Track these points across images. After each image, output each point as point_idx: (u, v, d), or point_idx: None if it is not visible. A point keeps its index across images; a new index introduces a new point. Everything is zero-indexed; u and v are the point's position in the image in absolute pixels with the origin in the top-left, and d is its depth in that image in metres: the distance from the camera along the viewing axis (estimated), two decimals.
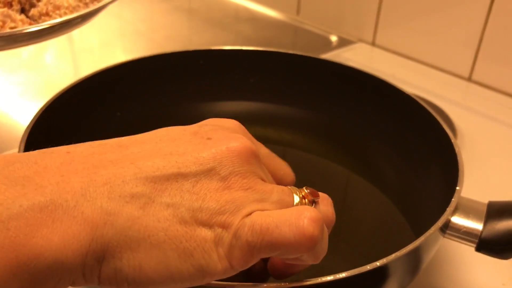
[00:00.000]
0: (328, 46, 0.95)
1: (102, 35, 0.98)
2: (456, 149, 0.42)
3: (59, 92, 0.49)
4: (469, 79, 0.84)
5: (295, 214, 0.26)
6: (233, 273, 0.26)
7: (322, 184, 0.50)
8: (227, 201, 0.26)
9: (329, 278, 0.29)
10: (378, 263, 0.30)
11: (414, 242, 0.32)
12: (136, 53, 0.57)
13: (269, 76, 0.60)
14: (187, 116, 0.60)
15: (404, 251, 0.32)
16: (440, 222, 0.35)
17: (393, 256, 0.31)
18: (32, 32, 0.47)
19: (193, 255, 0.25)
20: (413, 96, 0.51)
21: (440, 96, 0.78)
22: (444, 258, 0.49)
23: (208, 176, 0.26)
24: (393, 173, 0.52)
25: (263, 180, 0.28)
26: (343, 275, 0.29)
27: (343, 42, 0.96)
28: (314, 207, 0.29)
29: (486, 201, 0.39)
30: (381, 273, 0.32)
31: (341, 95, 0.58)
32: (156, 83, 0.59)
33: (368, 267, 0.30)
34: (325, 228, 0.28)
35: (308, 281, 0.29)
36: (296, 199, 0.29)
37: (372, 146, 0.55)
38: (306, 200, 0.29)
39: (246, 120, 0.62)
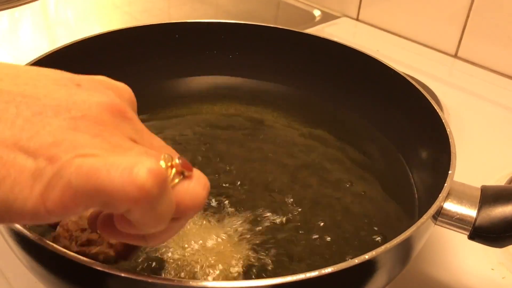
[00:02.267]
0: (311, 20, 0.92)
1: (77, 8, 0.94)
2: (448, 130, 0.40)
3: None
4: (455, 55, 0.82)
5: (132, 161, 0.23)
6: (47, 219, 0.23)
7: (306, 167, 0.48)
8: (65, 139, 0.23)
9: (314, 274, 0.27)
10: (366, 256, 0.28)
11: (405, 232, 0.30)
12: (111, 27, 0.54)
13: (250, 51, 0.57)
14: (162, 93, 0.57)
15: (395, 242, 0.29)
16: (432, 210, 0.32)
17: (382, 248, 0.29)
18: None
19: (1, 184, 0.22)
20: (403, 74, 0.48)
21: (425, 73, 0.76)
22: (432, 244, 0.47)
23: (56, 112, 0.23)
24: (380, 154, 0.49)
25: (130, 138, 0.25)
26: (328, 270, 0.27)
27: (327, 17, 0.93)
28: (182, 181, 0.25)
29: (473, 181, 0.37)
30: (370, 266, 0.29)
31: (326, 71, 0.55)
32: (130, 58, 0.55)
33: (356, 260, 0.28)
34: (171, 198, 0.24)
35: (291, 277, 0.26)
36: (162, 164, 0.24)
37: (357, 125, 0.53)
38: (174, 170, 0.25)
39: (226, 97, 0.59)
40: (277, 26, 0.56)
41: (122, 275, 0.27)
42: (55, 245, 0.27)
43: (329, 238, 0.39)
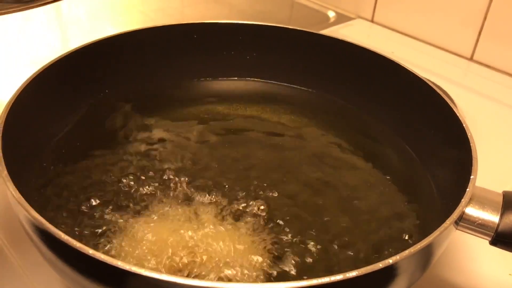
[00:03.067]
0: (325, 22, 0.92)
1: (91, 7, 0.94)
2: (469, 135, 0.39)
3: (43, 67, 0.45)
4: (471, 58, 0.82)
5: None
6: None
7: (323, 171, 0.48)
8: None
9: (339, 277, 0.27)
10: (390, 261, 0.28)
11: (428, 236, 0.30)
12: (125, 26, 0.54)
13: (268, 52, 0.57)
14: (178, 94, 0.57)
15: (419, 246, 0.29)
16: (455, 215, 0.32)
17: (406, 252, 0.29)
18: None
19: None
20: (423, 78, 0.48)
21: (440, 76, 0.75)
22: (449, 248, 0.46)
23: None
24: (398, 158, 0.49)
25: None
26: (353, 274, 0.27)
27: (341, 18, 0.93)
28: None
29: (490, 185, 0.36)
30: (393, 271, 0.29)
31: (344, 73, 0.55)
32: (147, 59, 0.55)
33: (380, 265, 0.28)
34: None
35: (317, 280, 0.26)
36: None
37: (375, 128, 0.53)
38: None
39: (242, 98, 0.59)
40: (296, 28, 0.56)
41: (144, 274, 0.27)
42: (82, 245, 0.28)
43: (348, 240, 0.39)
